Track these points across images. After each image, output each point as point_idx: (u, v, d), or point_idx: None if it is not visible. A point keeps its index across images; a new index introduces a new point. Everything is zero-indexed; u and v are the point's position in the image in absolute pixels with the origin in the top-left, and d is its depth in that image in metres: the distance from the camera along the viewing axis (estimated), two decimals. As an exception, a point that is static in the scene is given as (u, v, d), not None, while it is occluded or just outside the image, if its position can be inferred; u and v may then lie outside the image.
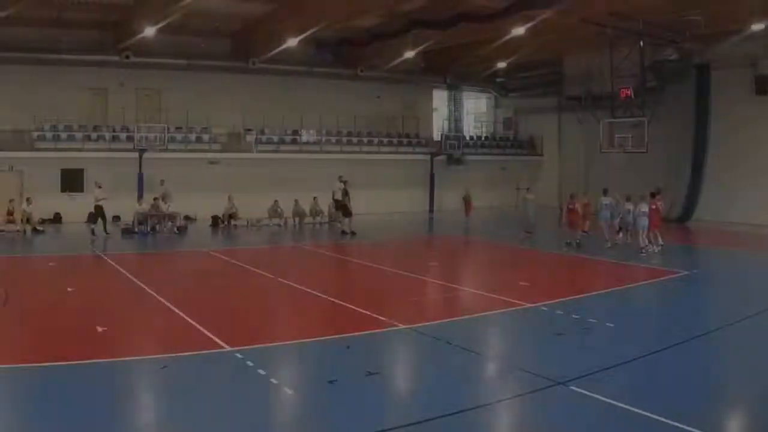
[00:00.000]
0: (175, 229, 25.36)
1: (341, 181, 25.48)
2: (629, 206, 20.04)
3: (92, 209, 23.70)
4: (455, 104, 41.11)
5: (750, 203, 28.47)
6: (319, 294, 13.50)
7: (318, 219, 28.89)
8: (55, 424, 6.81)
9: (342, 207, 25.21)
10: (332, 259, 20.44)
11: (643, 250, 19.25)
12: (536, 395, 7.74)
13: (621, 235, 20.93)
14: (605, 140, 27.52)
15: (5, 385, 8.10)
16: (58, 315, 11.62)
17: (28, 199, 24.20)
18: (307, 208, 28.85)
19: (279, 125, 32.69)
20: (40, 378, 8.20)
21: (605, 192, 21.51)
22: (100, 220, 23.34)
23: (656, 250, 19.54)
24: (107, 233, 23.44)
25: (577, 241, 20.67)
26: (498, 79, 39.37)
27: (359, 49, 31.63)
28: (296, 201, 28.58)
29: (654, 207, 19.64)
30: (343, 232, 24.79)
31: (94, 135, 28.88)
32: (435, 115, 40.85)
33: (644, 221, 19.36)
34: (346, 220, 25.03)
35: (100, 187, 23.75)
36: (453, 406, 7.29)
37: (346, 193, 25.31)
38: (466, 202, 24.99)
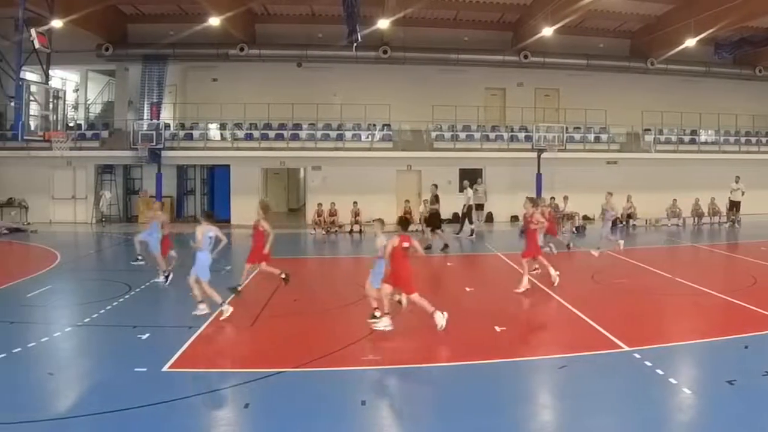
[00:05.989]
0: (573, 229, 25.24)
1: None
2: None
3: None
4: None
5: None
6: (715, 293, 13.24)
7: (716, 219, 28.78)
8: (462, 425, 6.93)
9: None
10: (729, 259, 20.16)
11: None
12: None
13: None
14: None
15: (400, 385, 8.51)
16: (458, 314, 11.23)
17: (424, 202, 25.67)
18: (705, 208, 28.82)
19: (677, 125, 31.88)
20: (445, 378, 8.59)
21: None
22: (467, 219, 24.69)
23: None
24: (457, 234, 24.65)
25: None
26: None
27: (758, 49, 30.43)
28: (696, 200, 28.84)
29: None
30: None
31: (492, 135, 30.03)
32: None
33: None
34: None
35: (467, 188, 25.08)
36: None
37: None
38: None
